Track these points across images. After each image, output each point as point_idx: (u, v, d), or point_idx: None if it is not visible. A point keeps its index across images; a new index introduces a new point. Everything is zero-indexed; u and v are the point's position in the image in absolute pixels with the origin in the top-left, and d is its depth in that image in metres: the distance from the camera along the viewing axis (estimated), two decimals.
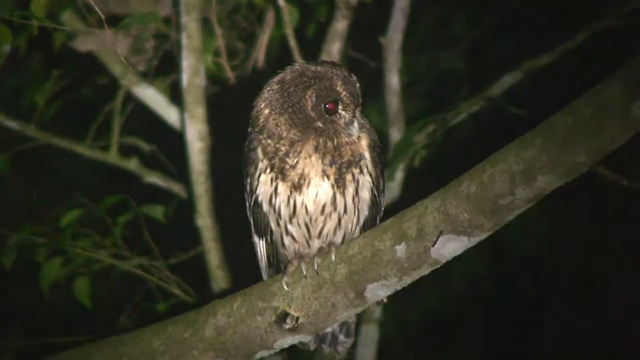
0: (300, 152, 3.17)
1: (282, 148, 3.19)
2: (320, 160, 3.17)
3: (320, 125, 3.20)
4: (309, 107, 3.21)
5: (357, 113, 3.26)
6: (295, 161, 3.17)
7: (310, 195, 3.17)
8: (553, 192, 2.72)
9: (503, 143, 2.74)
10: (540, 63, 4.79)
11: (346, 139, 3.21)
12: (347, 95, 3.22)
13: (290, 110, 3.20)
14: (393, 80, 4.89)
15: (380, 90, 4.86)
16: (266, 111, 3.22)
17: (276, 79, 3.26)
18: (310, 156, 3.17)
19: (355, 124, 3.23)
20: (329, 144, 3.19)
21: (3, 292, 5.30)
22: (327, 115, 3.20)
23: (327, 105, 3.20)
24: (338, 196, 3.18)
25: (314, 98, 3.20)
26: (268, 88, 3.25)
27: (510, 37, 5.65)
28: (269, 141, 3.21)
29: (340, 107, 3.22)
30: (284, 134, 3.19)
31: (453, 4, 5.76)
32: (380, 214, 3.34)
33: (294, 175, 3.17)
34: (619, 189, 3.48)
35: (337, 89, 3.21)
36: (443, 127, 4.38)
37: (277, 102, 3.21)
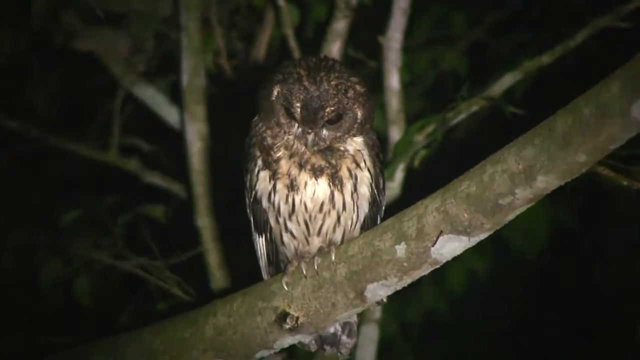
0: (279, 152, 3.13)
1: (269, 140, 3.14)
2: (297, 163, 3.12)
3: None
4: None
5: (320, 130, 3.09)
6: (277, 156, 3.13)
7: (308, 193, 3.13)
8: (553, 192, 2.73)
9: (503, 143, 2.74)
10: (540, 63, 4.78)
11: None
12: (300, 108, 3.08)
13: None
14: (393, 80, 4.88)
15: (380, 90, 4.85)
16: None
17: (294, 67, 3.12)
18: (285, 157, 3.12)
19: (309, 138, 3.09)
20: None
21: (3, 292, 5.30)
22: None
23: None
24: (336, 194, 3.14)
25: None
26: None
27: (510, 37, 5.65)
28: (264, 135, 3.16)
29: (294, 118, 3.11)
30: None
31: (453, 4, 5.75)
32: (381, 214, 3.31)
33: (282, 175, 3.13)
34: (618, 189, 3.47)
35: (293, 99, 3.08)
36: (443, 127, 4.38)
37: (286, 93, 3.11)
